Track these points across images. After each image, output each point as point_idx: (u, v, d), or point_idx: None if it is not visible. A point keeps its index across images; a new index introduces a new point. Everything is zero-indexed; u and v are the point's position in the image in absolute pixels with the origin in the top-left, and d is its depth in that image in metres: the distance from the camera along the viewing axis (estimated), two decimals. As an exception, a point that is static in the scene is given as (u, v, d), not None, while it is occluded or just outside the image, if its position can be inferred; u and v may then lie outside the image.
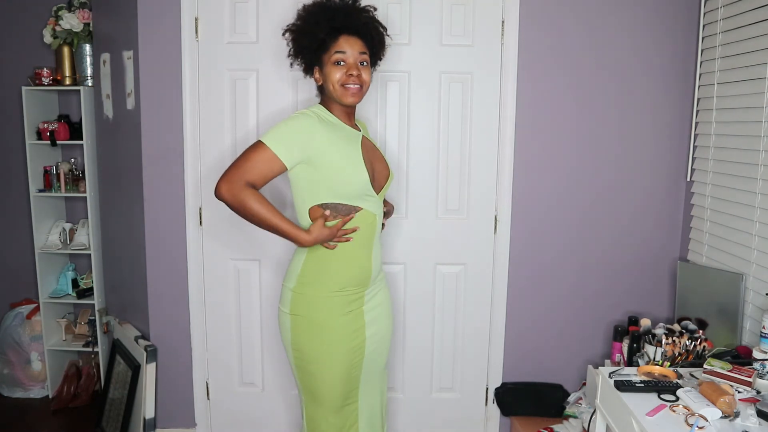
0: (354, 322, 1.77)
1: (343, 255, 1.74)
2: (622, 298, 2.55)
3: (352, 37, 1.74)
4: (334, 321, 1.74)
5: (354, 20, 1.76)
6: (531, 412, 2.50)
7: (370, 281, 1.82)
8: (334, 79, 1.72)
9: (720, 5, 2.21)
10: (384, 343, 1.90)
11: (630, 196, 2.50)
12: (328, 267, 1.74)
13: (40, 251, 2.90)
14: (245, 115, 2.42)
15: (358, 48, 1.74)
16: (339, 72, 1.72)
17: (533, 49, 2.40)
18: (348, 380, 1.78)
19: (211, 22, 2.37)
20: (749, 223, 2.05)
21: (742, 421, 1.49)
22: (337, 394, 1.77)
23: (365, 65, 1.76)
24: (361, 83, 1.74)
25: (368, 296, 1.82)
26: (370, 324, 1.81)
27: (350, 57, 1.73)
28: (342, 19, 1.74)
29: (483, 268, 2.53)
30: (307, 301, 1.73)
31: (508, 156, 2.45)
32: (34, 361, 3.00)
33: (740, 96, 2.12)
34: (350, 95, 1.73)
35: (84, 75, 2.82)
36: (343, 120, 1.79)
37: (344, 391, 1.78)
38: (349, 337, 1.76)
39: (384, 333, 1.89)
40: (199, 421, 2.60)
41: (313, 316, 1.73)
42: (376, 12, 1.85)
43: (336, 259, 1.74)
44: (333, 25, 1.73)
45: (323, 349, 1.74)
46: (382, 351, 1.90)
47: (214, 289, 2.53)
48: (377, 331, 1.85)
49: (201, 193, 2.47)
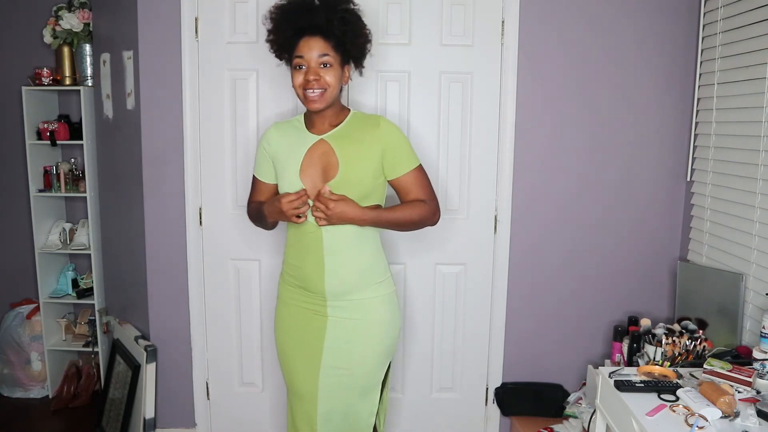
0: (295, 315, 1.83)
1: (288, 245, 1.84)
2: (622, 298, 2.55)
3: (312, 38, 1.68)
4: (279, 301, 1.90)
5: (317, 18, 1.68)
6: (531, 412, 2.50)
7: (321, 292, 1.75)
8: (295, 83, 1.71)
9: (720, 5, 2.21)
10: (349, 369, 1.78)
11: (630, 195, 2.50)
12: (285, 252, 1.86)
13: (40, 251, 2.90)
14: (245, 115, 2.42)
15: (318, 49, 1.67)
16: (299, 76, 1.69)
17: (533, 49, 2.40)
18: (286, 368, 1.86)
19: (211, 22, 2.37)
20: (749, 223, 2.05)
21: (742, 421, 1.49)
22: (286, 378, 1.87)
23: (328, 67, 1.69)
24: (322, 86, 1.68)
25: (331, 309, 1.77)
26: (331, 338, 1.76)
27: (309, 60, 1.68)
28: (305, 19, 1.68)
29: (483, 268, 2.53)
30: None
31: (508, 156, 2.45)
32: (34, 361, 3.00)
33: (740, 96, 2.11)
34: (311, 102, 1.69)
35: (84, 75, 2.82)
36: (314, 124, 1.78)
37: (288, 378, 1.86)
38: (288, 329, 1.85)
39: (350, 360, 1.77)
40: (199, 421, 2.60)
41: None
42: (354, 4, 1.76)
43: (287, 246, 1.85)
44: (296, 26, 1.68)
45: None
46: (346, 375, 1.78)
47: (214, 289, 2.53)
48: (338, 351, 1.77)
49: (201, 193, 2.47)
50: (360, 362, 1.79)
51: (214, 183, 2.47)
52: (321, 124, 1.78)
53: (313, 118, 1.78)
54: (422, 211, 1.79)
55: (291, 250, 1.82)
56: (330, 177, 1.72)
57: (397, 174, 1.78)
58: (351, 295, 1.77)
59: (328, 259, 1.73)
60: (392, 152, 1.76)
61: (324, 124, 1.78)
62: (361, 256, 1.77)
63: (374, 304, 1.80)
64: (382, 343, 1.81)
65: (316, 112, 1.74)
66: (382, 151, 1.75)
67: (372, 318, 1.79)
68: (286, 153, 1.78)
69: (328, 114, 1.77)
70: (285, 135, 1.81)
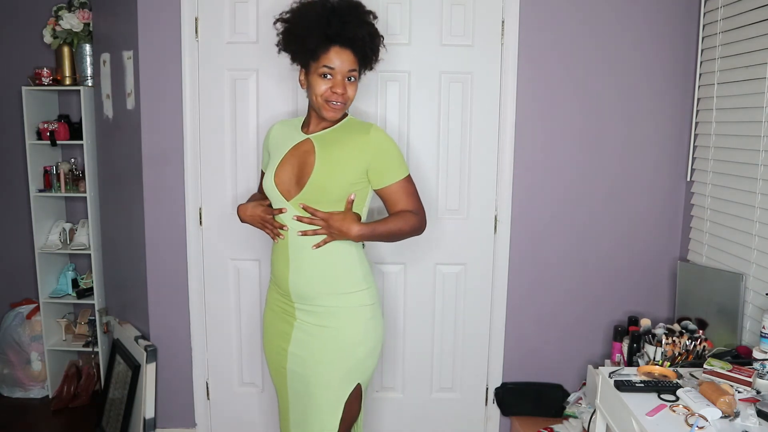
0: (273, 317, 1.85)
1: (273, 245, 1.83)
2: (622, 298, 2.55)
3: (344, 51, 1.64)
4: (265, 304, 1.92)
5: (349, 31, 1.64)
6: (531, 412, 2.50)
7: (287, 292, 1.75)
8: (318, 91, 1.66)
9: (720, 5, 2.21)
10: (300, 380, 1.75)
11: (630, 195, 2.50)
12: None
13: (40, 251, 2.90)
14: (245, 115, 2.42)
15: (348, 64, 1.65)
16: (324, 85, 1.65)
17: (533, 49, 2.40)
18: (274, 374, 1.88)
19: (211, 21, 2.37)
20: (749, 223, 2.05)
21: (742, 421, 1.49)
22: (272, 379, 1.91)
23: (352, 81, 1.68)
24: (344, 101, 1.68)
25: (299, 313, 1.75)
26: (294, 342, 1.75)
27: (338, 73, 1.64)
28: (337, 28, 1.62)
29: (483, 268, 2.53)
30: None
31: (508, 156, 2.45)
32: (34, 361, 3.00)
33: (740, 96, 2.12)
34: (331, 111, 1.68)
35: (84, 75, 2.82)
36: (310, 123, 1.77)
37: (275, 383, 1.89)
38: (267, 330, 1.88)
39: (302, 372, 1.73)
40: (199, 421, 2.60)
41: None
42: (377, 21, 1.73)
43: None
44: (327, 32, 1.62)
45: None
46: (303, 384, 1.74)
47: (214, 289, 2.53)
48: (300, 357, 1.74)
49: (201, 193, 2.47)
50: (316, 374, 1.71)
51: (214, 183, 2.47)
52: (317, 125, 1.76)
53: (312, 120, 1.77)
54: (413, 222, 1.73)
55: (273, 248, 1.83)
56: (303, 176, 1.69)
57: (384, 183, 1.71)
58: (316, 300, 1.71)
59: (292, 255, 1.71)
60: (379, 161, 1.69)
61: (319, 126, 1.75)
62: (327, 260, 1.70)
63: (340, 315, 1.71)
64: (344, 361, 1.71)
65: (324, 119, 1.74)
66: (369, 159, 1.68)
67: (336, 330, 1.71)
68: (276, 148, 1.81)
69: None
70: (283, 132, 1.85)
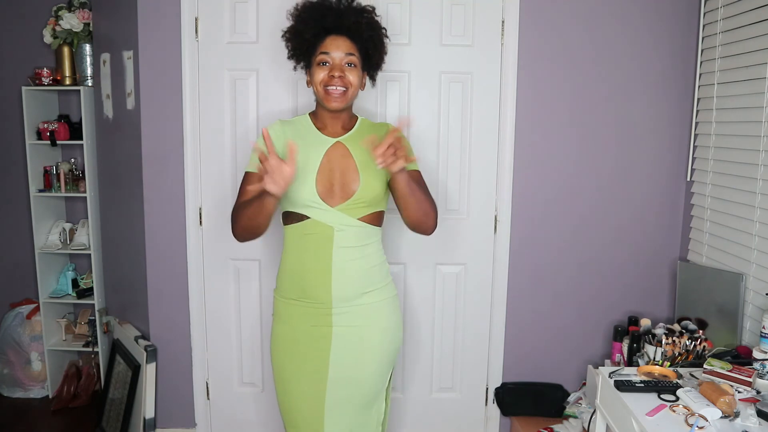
0: (295, 332, 1.72)
1: (288, 254, 1.72)
2: (622, 298, 2.55)
3: (339, 38, 1.66)
4: (276, 318, 1.79)
5: (345, 21, 1.67)
6: (531, 412, 2.50)
7: (327, 299, 1.67)
8: (317, 79, 1.65)
9: (720, 5, 2.21)
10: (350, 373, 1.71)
11: (630, 195, 2.50)
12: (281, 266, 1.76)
13: (40, 251, 2.90)
14: (245, 115, 2.42)
15: (344, 48, 1.66)
16: (322, 72, 1.65)
17: (533, 49, 2.40)
18: (284, 394, 1.74)
19: (211, 22, 2.37)
20: (749, 223, 2.05)
21: (742, 421, 1.49)
22: (284, 407, 1.77)
23: (352, 67, 1.67)
24: (345, 85, 1.65)
25: (337, 318, 1.69)
26: (335, 349, 1.69)
27: (335, 57, 1.65)
28: (332, 20, 1.66)
29: (483, 268, 2.53)
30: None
31: (508, 156, 2.45)
32: (34, 361, 3.00)
33: (740, 96, 2.12)
34: (332, 100, 1.65)
35: (84, 75, 2.82)
36: (326, 125, 1.72)
37: (287, 406, 1.76)
38: (293, 358, 1.72)
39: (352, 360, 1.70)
40: (199, 421, 2.60)
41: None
42: (377, 14, 1.75)
43: (285, 254, 1.73)
44: (323, 25, 1.66)
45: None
46: (354, 387, 1.71)
47: (214, 289, 2.53)
48: (344, 362, 1.70)
49: (201, 193, 2.47)
50: (367, 372, 1.71)
51: (214, 183, 2.47)
52: (334, 126, 1.72)
53: (326, 120, 1.72)
54: (434, 207, 1.73)
55: (290, 256, 1.71)
56: (348, 180, 1.66)
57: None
58: (357, 300, 1.69)
59: (336, 259, 1.65)
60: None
61: (337, 127, 1.72)
62: (366, 258, 1.70)
63: (379, 309, 1.73)
64: (387, 350, 1.75)
65: (332, 112, 1.70)
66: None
67: (377, 324, 1.73)
68: (300, 153, 1.66)
69: (342, 116, 1.73)
70: (295, 133, 1.72)
